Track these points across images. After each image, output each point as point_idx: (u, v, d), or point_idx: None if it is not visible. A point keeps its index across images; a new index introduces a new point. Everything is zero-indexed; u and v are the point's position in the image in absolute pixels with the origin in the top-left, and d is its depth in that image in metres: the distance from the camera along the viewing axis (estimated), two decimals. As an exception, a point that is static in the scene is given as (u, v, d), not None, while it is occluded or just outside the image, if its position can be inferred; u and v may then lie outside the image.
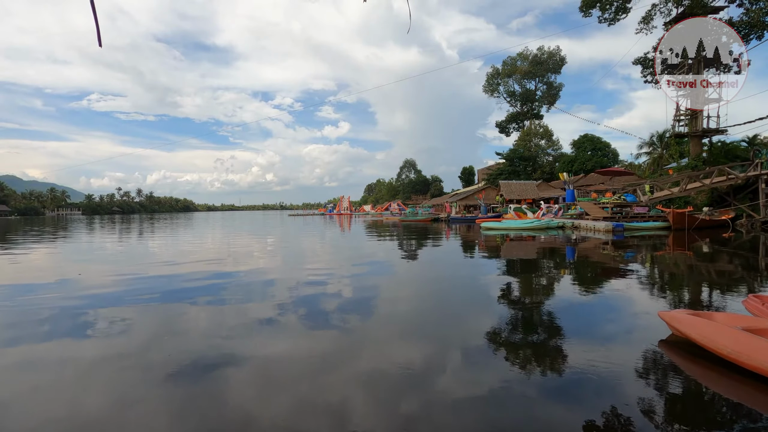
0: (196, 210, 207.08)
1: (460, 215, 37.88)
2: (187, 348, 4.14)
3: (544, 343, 4.26)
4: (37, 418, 2.82)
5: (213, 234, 24.18)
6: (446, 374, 3.48)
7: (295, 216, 64.65)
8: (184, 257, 12.38)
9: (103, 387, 3.30)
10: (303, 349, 4.14)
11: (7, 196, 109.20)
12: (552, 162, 50.25)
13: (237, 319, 5.20)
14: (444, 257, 12.65)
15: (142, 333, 4.70)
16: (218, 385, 3.27)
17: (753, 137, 27.02)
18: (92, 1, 2.17)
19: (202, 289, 7.29)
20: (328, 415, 2.79)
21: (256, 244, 16.79)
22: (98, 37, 2.35)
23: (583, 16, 26.84)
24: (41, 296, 6.80)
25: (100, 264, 11.32)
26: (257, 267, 10.04)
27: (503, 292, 6.94)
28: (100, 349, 4.13)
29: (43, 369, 3.68)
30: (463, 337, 4.48)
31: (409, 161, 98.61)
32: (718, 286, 7.27)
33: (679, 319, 4.00)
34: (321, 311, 5.59)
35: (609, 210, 21.66)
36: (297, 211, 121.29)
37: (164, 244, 17.39)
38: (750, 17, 22.43)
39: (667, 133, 32.08)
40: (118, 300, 6.39)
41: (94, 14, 2.23)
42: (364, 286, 7.65)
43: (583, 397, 3.02)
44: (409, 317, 5.45)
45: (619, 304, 6.01)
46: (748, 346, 3.21)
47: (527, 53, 54.18)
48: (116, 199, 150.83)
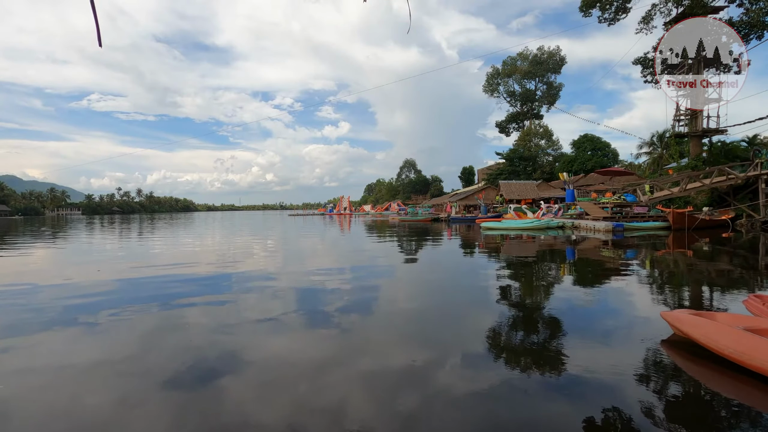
0: (196, 210, 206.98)
1: (460, 215, 37.88)
2: (189, 346, 4.14)
3: (545, 343, 4.25)
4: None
5: (213, 234, 24.17)
6: (447, 373, 3.47)
7: (295, 216, 64.63)
8: (185, 258, 12.37)
9: (102, 385, 3.30)
10: (303, 348, 4.13)
11: (7, 196, 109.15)
12: (552, 162, 50.24)
13: (238, 319, 5.19)
14: (444, 257, 12.65)
15: (143, 332, 4.70)
16: (224, 385, 3.26)
17: (753, 137, 27.01)
18: (92, 1, 2.16)
19: (206, 288, 7.29)
20: (329, 414, 2.79)
21: (259, 244, 16.79)
22: (98, 37, 2.34)
23: (583, 16, 26.85)
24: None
25: (114, 263, 11.32)
26: (264, 267, 10.03)
27: (504, 293, 6.93)
28: (100, 347, 4.14)
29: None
30: (464, 337, 4.47)
31: (409, 161, 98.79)
32: (718, 286, 7.27)
33: (681, 319, 4.00)
34: (321, 311, 5.58)
35: (609, 210, 21.66)
36: (297, 211, 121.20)
37: (165, 245, 17.37)
38: (750, 17, 22.43)
39: (667, 133, 32.12)
40: (118, 301, 6.39)
41: (94, 14, 2.22)
42: (364, 285, 7.64)
43: (585, 397, 3.01)
44: (410, 316, 5.44)
45: (620, 304, 6.01)
46: (750, 346, 3.21)
47: (527, 53, 54.22)
48: (116, 199, 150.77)
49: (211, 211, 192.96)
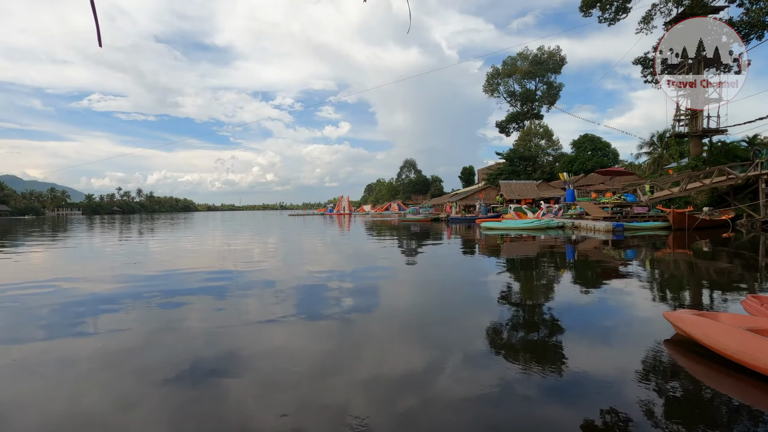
0: (196, 210, 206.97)
1: (460, 215, 37.87)
2: (189, 346, 4.13)
3: (547, 343, 4.25)
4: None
5: (213, 234, 24.16)
6: (447, 373, 3.46)
7: (295, 216, 64.65)
8: (185, 258, 12.37)
9: (103, 383, 3.30)
10: (303, 348, 4.12)
11: (8, 196, 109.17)
12: (552, 162, 50.24)
13: (238, 320, 5.19)
14: (444, 257, 12.63)
15: (144, 331, 4.69)
16: (225, 385, 3.26)
17: (753, 137, 27.00)
18: (92, 2, 2.15)
19: (207, 288, 7.29)
20: (329, 414, 2.78)
21: (260, 244, 16.77)
22: (98, 38, 2.34)
23: (583, 16, 26.84)
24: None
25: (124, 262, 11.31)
26: (264, 267, 10.02)
27: (504, 293, 6.93)
28: (100, 345, 4.14)
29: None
30: (464, 337, 4.45)
31: (409, 161, 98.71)
32: (718, 286, 7.26)
33: (683, 319, 3.99)
34: (322, 311, 5.57)
35: (609, 210, 21.65)
36: (297, 211, 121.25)
37: (166, 245, 17.36)
38: (750, 17, 22.42)
39: (667, 133, 32.08)
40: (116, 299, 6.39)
41: (94, 14, 2.21)
42: (365, 285, 7.64)
43: (586, 397, 3.00)
44: (411, 315, 5.44)
45: (621, 304, 5.99)
46: (752, 346, 3.21)
47: (527, 53, 54.25)
48: (116, 199, 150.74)
49: (211, 211, 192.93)
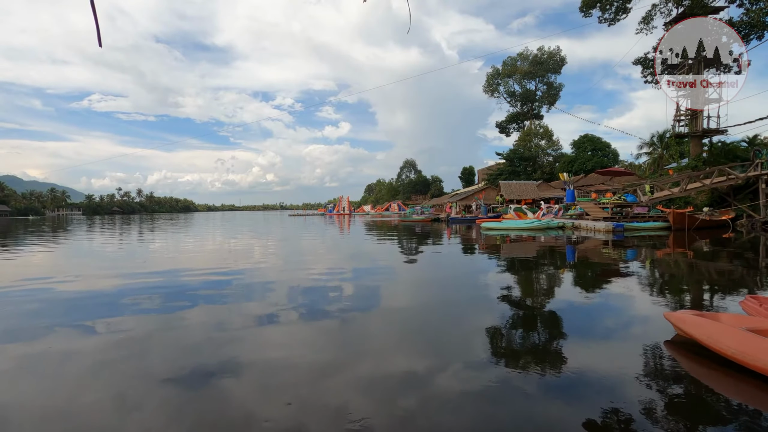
0: (196, 210, 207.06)
1: (460, 215, 37.88)
2: (187, 347, 4.13)
3: (547, 344, 4.24)
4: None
5: (214, 234, 24.16)
6: (447, 372, 3.46)
7: (295, 216, 64.66)
8: (186, 258, 12.36)
9: (103, 384, 3.29)
10: (303, 347, 4.12)
11: (8, 196, 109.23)
12: (552, 162, 50.25)
13: (238, 319, 5.18)
14: (443, 257, 12.63)
15: (144, 331, 4.69)
16: (225, 385, 3.26)
17: (753, 137, 26.97)
18: (92, 2, 2.15)
19: (209, 287, 7.29)
20: (329, 414, 2.77)
21: (260, 245, 16.77)
22: (98, 38, 2.33)
23: (583, 16, 26.82)
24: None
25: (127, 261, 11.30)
26: (264, 267, 10.02)
27: (504, 293, 6.91)
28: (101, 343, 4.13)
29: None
30: (464, 337, 4.45)
31: (409, 161, 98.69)
32: (718, 286, 7.26)
33: (684, 319, 3.99)
34: (322, 311, 5.56)
35: (609, 210, 21.64)
36: (297, 211, 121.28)
37: (166, 244, 17.36)
38: (750, 17, 22.40)
39: (668, 134, 32.06)
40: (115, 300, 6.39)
41: (94, 14, 2.21)
42: (365, 285, 7.63)
43: (587, 396, 3.00)
44: (411, 315, 5.43)
45: (621, 304, 5.99)
46: (752, 346, 3.20)
47: (527, 53, 54.26)
48: (116, 199, 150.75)
49: (212, 212, 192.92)
